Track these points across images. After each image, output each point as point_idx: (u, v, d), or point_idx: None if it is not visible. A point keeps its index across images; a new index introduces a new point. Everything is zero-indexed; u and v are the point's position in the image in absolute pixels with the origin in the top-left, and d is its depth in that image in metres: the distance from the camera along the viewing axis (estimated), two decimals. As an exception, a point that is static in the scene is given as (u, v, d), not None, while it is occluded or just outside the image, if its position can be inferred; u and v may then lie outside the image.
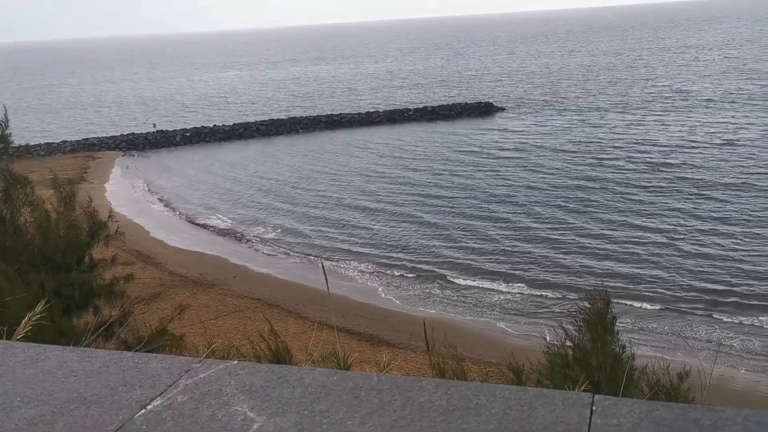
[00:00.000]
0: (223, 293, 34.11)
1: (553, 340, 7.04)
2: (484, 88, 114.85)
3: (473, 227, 43.04)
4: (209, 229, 47.76)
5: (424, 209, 47.70)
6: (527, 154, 61.87)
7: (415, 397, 2.59)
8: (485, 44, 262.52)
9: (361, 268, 38.13)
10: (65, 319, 10.49)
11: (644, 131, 67.60)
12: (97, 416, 2.63)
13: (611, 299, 7.16)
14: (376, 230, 44.23)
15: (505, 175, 55.25)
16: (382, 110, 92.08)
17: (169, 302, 30.09)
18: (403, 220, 45.90)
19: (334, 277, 35.73)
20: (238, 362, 3.02)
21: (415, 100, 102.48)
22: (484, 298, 33.19)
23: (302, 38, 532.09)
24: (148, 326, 11.01)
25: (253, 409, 2.59)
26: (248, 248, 43.12)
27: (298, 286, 35.34)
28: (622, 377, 5.94)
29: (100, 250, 13.22)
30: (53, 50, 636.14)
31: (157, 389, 2.79)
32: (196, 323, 27.90)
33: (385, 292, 34.76)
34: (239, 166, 67.27)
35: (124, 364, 3.07)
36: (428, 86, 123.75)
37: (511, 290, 33.73)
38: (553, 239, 39.77)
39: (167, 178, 64.64)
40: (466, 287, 34.54)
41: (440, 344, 5.84)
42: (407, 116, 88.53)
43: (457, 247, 39.93)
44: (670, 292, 31.82)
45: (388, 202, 50.40)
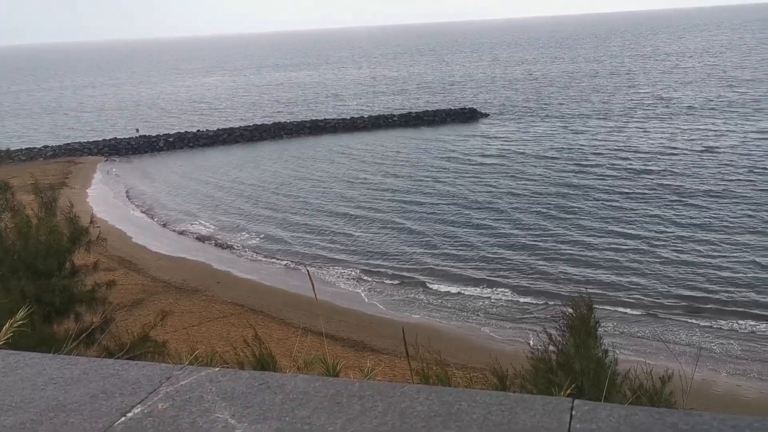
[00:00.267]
0: (206, 299, 33.90)
1: (536, 344, 7.07)
2: (467, 94, 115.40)
3: (455, 234, 43.13)
4: (192, 235, 47.44)
5: (405, 216, 47.74)
6: (510, 160, 62.18)
7: (396, 402, 2.60)
8: (468, 50, 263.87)
9: (343, 274, 38.09)
10: (46, 325, 10.38)
11: (626, 138, 68.24)
12: (77, 424, 2.60)
13: (594, 304, 7.21)
14: (357, 237, 44.19)
15: (487, 181, 55.46)
16: (366, 116, 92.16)
17: (151, 308, 29.82)
18: (384, 226, 45.90)
19: (317, 282, 35.63)
20: (219, 369, 3.00)
21: (399, 105, 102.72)
22: (467, 303, 33.27)
23: (285, 44, 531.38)
24: (130, 333, 10.92)
25: (234, 415, 2.58)
26: (231, 254, 42.91)
27: (281, 292, 35.24)
28: (604, 382, 5.98)
29: (81, 256, 13.11)
30: (36, 54, 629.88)
31: (137, 397, 2.77)
32: (179, 329, 27.72)
33: (368, 297, 34.75)
34: (221, 171, 66.97)
35: (104, 371, 3.04)
36: (412, 92, 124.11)
37: (494, 296, 33.82)
38: (534, 246, 39.95)
39: (150, 183, 64.21)
40: (448, 293, 34.61)
41: (424, 350, 5.84)
42: (391, 122, 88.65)
43: (438, 253, 39.97)
44: (650, 298, 32.10)
45: (369, 208, 50.39)
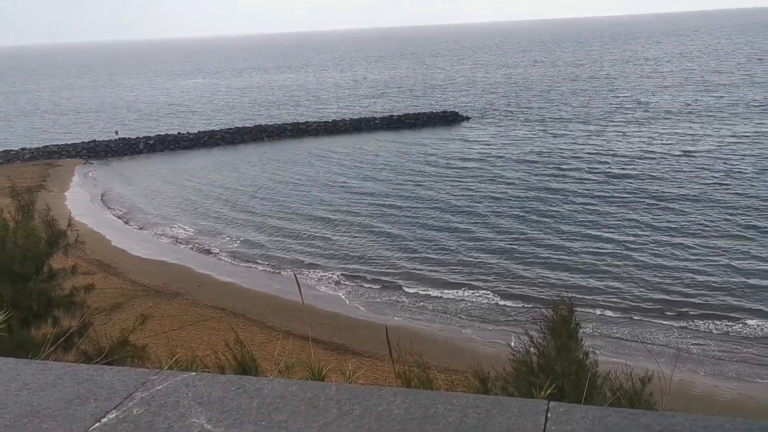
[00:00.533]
0: (187, 303, 33.66)
1: (518, 346, 7.10)
2: (449, 97, 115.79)
3: (434, 238, 43.17)
4: (172, 238, 47.08)
5: (385, 220, 47.73)
6: (490, 164, 62.43)
7: (373, 406, 2.60)
8: (449, 54, 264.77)
9: (323, 277, 38.01)
10: (23, 330, 10.24)
11: (605, 142, 68.87)
12: (51, 430, 2.59)
13: (574, 306, 7.26)
14: (336, 241, 44.09)
15: (467, 185, 55.62)
16: (348, 119, 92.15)
17: (131, 312, 29.54)
18: (363, 230, 45.83)
19: (295, 286, 35.51)
20: (195, 374, 3.00)
21: (381, 109, 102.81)
22: (448, 306, 33.36)
23: (266, 46, 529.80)
24: (109, 337, 10.80)
25: (210, 420, 2.57)
26: (212, 258, 42.64)
27: (262, 295, 35.11)
28: (585, 383, 6.01)
29: (59, 259, 12.95)
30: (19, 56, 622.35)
31: (112, 402, 2.76)
32: (159, 334, 27.48)
33: (350, 300, 34.71)
34: (200, 174, 66.51)
35: (79, 376, 3.02)
36: (394, 95, 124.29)
37: (474, 299, 33.97)
38: (513, 250, 40.15)
39: (128, 186, 63.60)
40: (428, 296, 34.69)
41: (406, 352, 5.84)
42: (373, 125, 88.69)
43: (418, 257, 40.02)
44: (627, 301, 32.42)
45: (349, 212, 50.29)
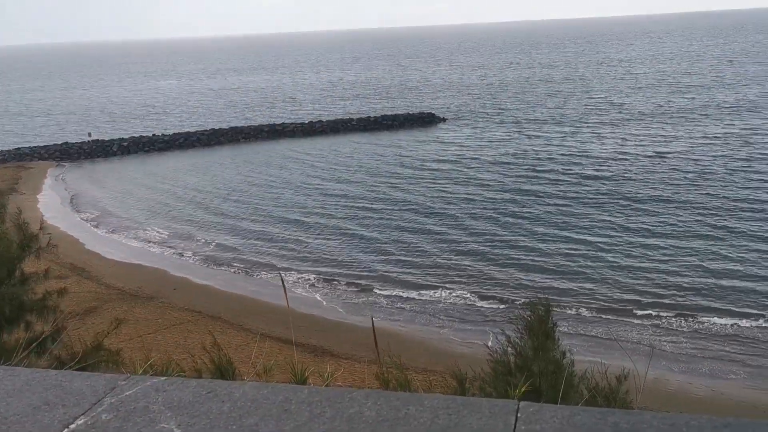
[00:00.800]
0: (162, 306, 33.34)
1: (495, 346, 7.14)
2: (425, 98, 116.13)
3: (409, 240, 43.22)
4: (146, 241, 46.58)
5: (359, 222, 47.69)
6: (464, 166, 62.68)
7: (344, 408, 2.62)
8: (425, 56, 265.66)
9: (299, 279, 37.86)
10: (-6, 335, 10.07)
11: (579, 143, 69.48)
12: None
13: (551, 306, 7.32)
14: (309, 243, 43.95)
15: (441, 187, 55.74)
16: (324, 120, 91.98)
17: (105, 316, 29.18)
18: (337, 233, 45.72)
19: (274, 288, 35.41)
20: (166, 378, 2.99)
21: (357, 110, 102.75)
22: (426, 307, 33.48)
23: (240, 48, 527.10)
24: (83, 342, 10.65)
25: (180, 425, 2.57)
26: (186, 260, 42.28)
27: (239, 297, 34.92)
28: (561, 383, 6.06)
29: (31, 263, 12.75)
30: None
31: (80, 408, 2.73)
32: (134, 338, 27.20)
33: (327, 302, 34.64)
34: (175, 177, 65.91)
35: (47, 382, 3.00)
36: (370, 97, 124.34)
37: (450, 300, 34.14)
38: (488, 252, 40.35)
39: (101, 189, 62.82)
40: (404, 298, 34.78)
41: (384, 354, 5.84)
42: (350, 126, 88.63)
43: (393, 260, 40.05)
44: (600, 301, 32.82)
45: (322, 215, 50.14)
